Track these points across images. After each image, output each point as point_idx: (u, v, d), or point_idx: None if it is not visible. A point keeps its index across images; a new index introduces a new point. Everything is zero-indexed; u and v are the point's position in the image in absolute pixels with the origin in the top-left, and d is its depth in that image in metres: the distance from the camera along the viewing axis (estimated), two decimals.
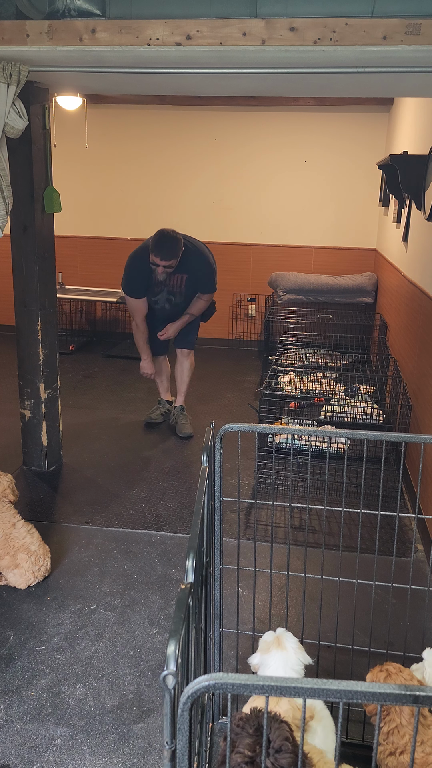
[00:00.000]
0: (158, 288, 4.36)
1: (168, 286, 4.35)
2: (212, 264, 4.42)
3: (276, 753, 1.35)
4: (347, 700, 0.91)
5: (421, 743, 1.67)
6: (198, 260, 4.31)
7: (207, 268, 4.37)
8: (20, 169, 3.55)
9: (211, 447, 1.98)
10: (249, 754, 1.35)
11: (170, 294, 4.39)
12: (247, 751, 1.35)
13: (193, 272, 4.31)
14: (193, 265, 4.28)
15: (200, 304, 4.52)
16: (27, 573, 2.85)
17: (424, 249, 4.03)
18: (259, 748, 1.36)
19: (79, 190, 7.07)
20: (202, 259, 4.35)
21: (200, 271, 4.34)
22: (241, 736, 1.39)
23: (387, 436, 2.00)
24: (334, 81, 2.98)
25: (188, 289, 4.40)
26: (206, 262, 4.37)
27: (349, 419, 4.53)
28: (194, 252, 4.31)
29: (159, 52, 2.51)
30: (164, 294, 4.40)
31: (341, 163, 6.72)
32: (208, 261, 4.38)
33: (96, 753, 2.08)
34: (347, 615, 2.51)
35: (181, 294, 4.42)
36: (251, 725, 1.41)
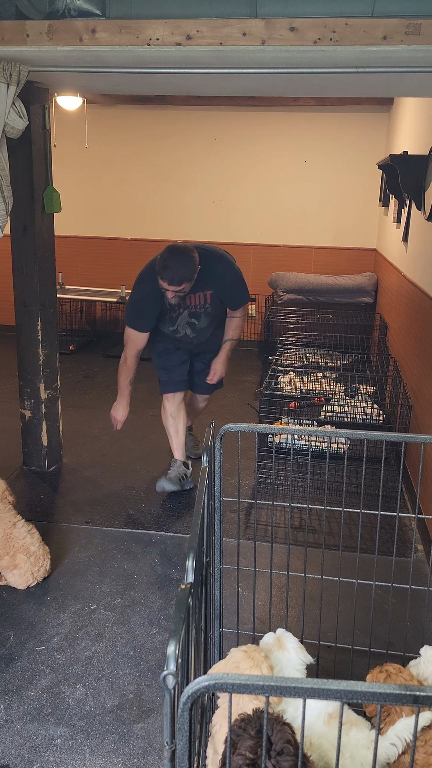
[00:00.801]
0: (174, 312, 3.53)
1: (188, 307, 3.52)
2: (238, 270, 3.62)
3: (278, 756, 1.35)
4: (347, 700, 0.91)
5: (424, 743, 1.67)
6: (222, 269, 3.51)
7: (234, 276, 3.57)
8: (20, 169, 3.55)
9: (211, 447, 1.98)
10: (250, 756, 1.35)
11: (192, 317, 3.56)
12: (248, 753, 1.35)
13: (219, 284, 3.50)
14: (217, 277, 3.48)
15: (237, 323, 3.73)
16: (26, 574, 2.85)
17: (424, 249, 4.03)
18: (260, 750, 1.36)
19: (79, 190, 7.07)
20: (227, 267, 3.54)
21: (227, 281, 3.53)
22: (242, 737, 1.39)
23: (387, 436, 2.00)
24: (334, 81, 2.98)
25: (215, 307, 3.56)
26: (232, 270, 3.56)
27: (349, 419, 4.53)
28: (215, 260, 3.49)
29: (159, 52, 2.51)
30: (185, 318, 3.56)
31: (341, 163, 6.72)
32: (233, 267, 3.58)
33: (96, 753, 2.08)
34: (347, 615, 2.51)
35: (207, 315, 3.56)
36: (253, 727, 1.41)
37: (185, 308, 3.51)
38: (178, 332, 3.61)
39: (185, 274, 3.23)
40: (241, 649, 1.90)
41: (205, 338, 3.70)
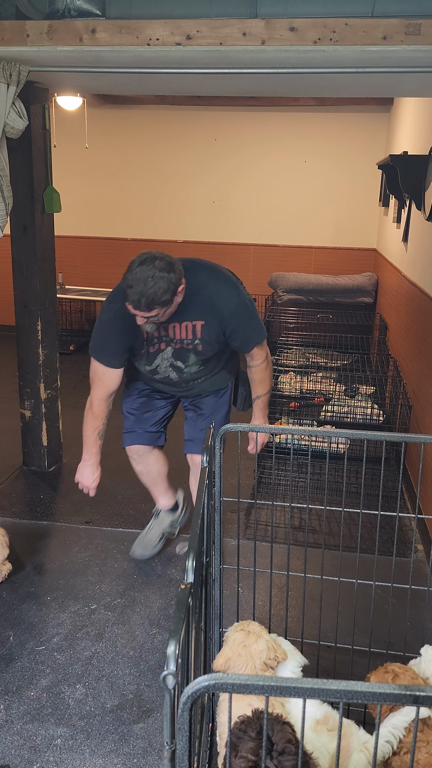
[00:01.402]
0: (152, 347, 2.61)
1: (170, 341, 2.59)
2: (246, 296, 2.60)
3: (279, 756, 1.35)
4: (347, 700, 0.91)
5: (427, 743, 1.67)
6: (221, 293, 2.53)
7: (238, 304, 2.55)
8: (20, 169, 3.55)
9: (211, 447, 1.98)
10: (253, 759, 1.35)
11: (177, 357, 2.63)
12: (250, 755, 1.35)
13: (215, 314, 2.52)
14: (212, 303, 2.51)
15: (260, 374, 2.76)
16: None
17: (424, 249, 4.03)
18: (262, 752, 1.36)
19: (79, 190, 7.07)
20: (228, 291, 2.55)
21: (227, 311, 2.52)
22: (243, 740, 1.39)
23: (387, 436, 2.00)
24: (334, 81, 2.98)
25: (209, 344, 2.60)
26: (235, 296, 2.55)
27: (349, 419, 4.53)
28: (211, 280, 2.54)
29: (159, 52, 2.51)
30: (167, 356, 2.64)
31: (341, 163, 6.72)
32: (238, 293, 2.56)
33: (96, 753, 2.08)
34: (347, 615, 2.51)
35: (197, 354, 2.62)
36: (253, 728, 1.41)
37: (167, 342, 2.59)
38: (158, 373, 2.70)
39: (156, 296, 2.29)
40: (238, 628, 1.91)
41: (198, 384, 2.80)
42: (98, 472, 2.83)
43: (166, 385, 2.82)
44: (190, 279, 2.45)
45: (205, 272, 2.55)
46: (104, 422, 2.76)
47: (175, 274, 2.34)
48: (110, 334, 2.60)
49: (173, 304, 2.40)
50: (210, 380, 2.82)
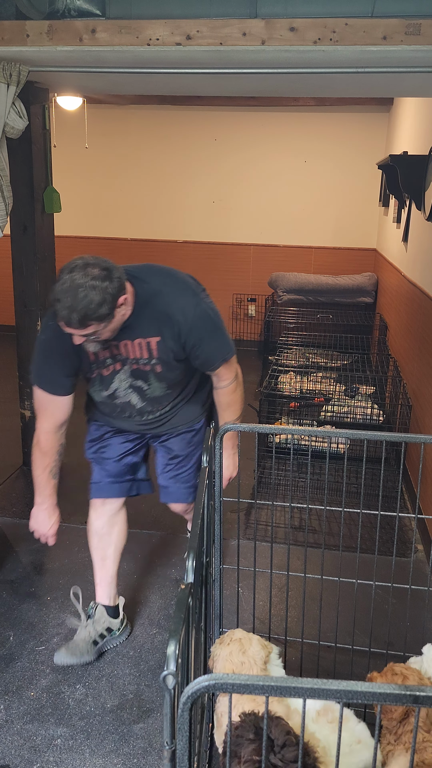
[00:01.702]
0: (105, 369, 2.24)
1: (125, 360, 2.22)
2: (208, 306, 2.22)
3: (281, 749, 1.36)
4: (347, 700, 0.91)
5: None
6: (178, 305, 2.15)
7: (198, 316, 2.17)
8: (20, 169, 3.55)
9: (211, 447, 1.98)
10: (258, 758, 1.35)
11: (136, 377, 2.26)
12: (255, 756, 1.36)
13: (172, 329, 2.15)
14: (168, 317, 2.14)
15: (228, 397, 2.38)
16: None
17: (424, 249, 4.03)
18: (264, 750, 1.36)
19: (79, 190, 7.07)
20: (187, 302, 2.17)
21: (186, 324, 2.15)
22: (242, 745, 1.39)
23: (387, 436, 2.00)
24: (334, 81, 2.98)
25: (168, 364, 2.22)
26: (195, 306, 2.17)
27: (349, 419, 4.53)
28: (165, 289, 2.17)
29: (159, 53, 2.51)
30: (123, 378, 2.26)
31: (341, 163, 6.72)
32: (198, 303, 2.18)
33: (96, 753, 2.08)
34: (347, 615, 2.51)
35: (157, 376, 2.25)
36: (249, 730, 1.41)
37: (122, 362, 2.21)
38: (117, 398, 2.30)
39: (89, 309, 1.92)
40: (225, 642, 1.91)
41: (166, 417, 2.40)
42: (56, 516, 2.40)
43: (129, 418, 2.37)
44: (139, 287, 2.12)
45: (157, 279, 2.18)
46: (56, 458, 2.34)
47: (113, 283, 1.96)
48: (51, 357, 2.22)
49: (115, 319, 2.02)
50: (180, 413, 2.43)
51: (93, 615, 2.54)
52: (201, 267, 7.16)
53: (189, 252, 7.15)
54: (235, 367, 2.34)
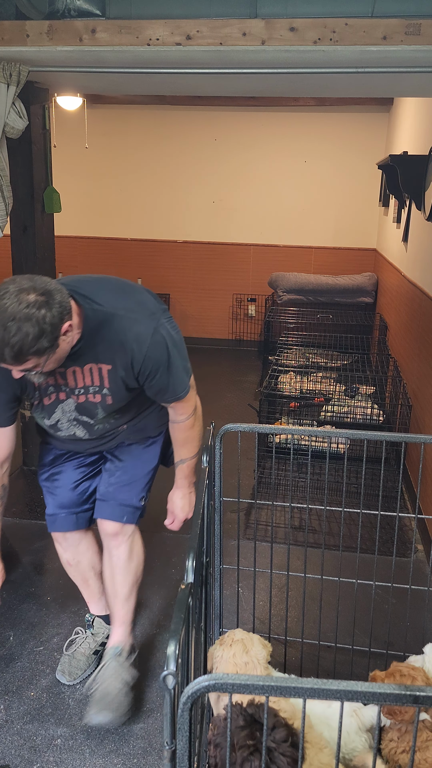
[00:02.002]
0: (47, 398, 2.00)
1: (69, 390, 1.98)
2: (166, 327, 1.93)
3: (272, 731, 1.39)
4: (347, 700, 0.91)
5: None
6: (133, 331, 1.88)
7: (155, 344, 1.89)
8: (20, 169, 3.55)
9: (211, 447, 1.98)
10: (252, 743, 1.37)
11: (81, 411, 2.01)
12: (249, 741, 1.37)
13: (125, 358, 1.90)
14: (120, 343, 1.88)
15: (184, 433, 2.13)
16: None
17: (424, 249, 4.03)
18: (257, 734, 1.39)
19: (79, 190, 7.07)
20: (141, 328, 1.88)
21: (140, 353, 1.89)
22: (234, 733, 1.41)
23: (387, 436, 2.00)
24: (334, 81, 2.98)
25: (118, 396, 1.97)
26: (148, 326, 1.89)
27: (349, 419, 4.53)
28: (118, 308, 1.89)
29: (159, 53, 2.51)
30: (67, 410, 2.02)
31: (341, 163, 6.72)
32: (152, 322, 1.90)
33: (96, 753, 2.08)
34: (347, 615, 2.51)
35: (106, 408, 1.99)
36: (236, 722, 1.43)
37: (67, 393, 1.97)
38: (60, 430, 2.07)
39: (24, 345, 1.64)
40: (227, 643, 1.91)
41: (118, 434, 2.17)
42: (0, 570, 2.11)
43: (75, 442, 2.15)
44: (90, 310, 1.84)
45: (111, 300, 1.89)
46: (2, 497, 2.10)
47: (53, 310, 1.65)
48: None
49: (60, 348, 1.73)
50: (135, 428, 2.16)
51: (92, 627, 2.48)
52: (201, 267, 7.17)
53: (189, 252, 7.15)
54: (194, 401, 2.08)
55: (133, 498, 2.21)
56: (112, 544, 2.24)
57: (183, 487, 2.22)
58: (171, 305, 7.28)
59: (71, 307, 1.76)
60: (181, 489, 2.23)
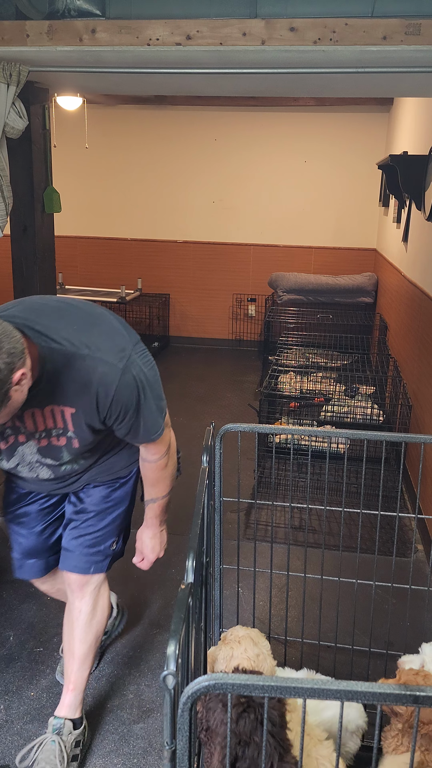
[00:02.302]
0: (4, 442, 1.77)
1: (29, 434, 1.75)
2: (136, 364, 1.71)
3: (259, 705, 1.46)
4: (347, 700, 0.91)
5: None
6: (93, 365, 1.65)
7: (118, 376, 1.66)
8: (20, 169, 3.55)
9: (211, 447, 1.98)
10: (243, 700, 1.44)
11: (44, 454, 1.80)
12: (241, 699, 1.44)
13: (88, 397, 1.67)
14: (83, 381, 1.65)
15: (156, 473, 1.94)
16: None
17: (424, 249, 4.03)
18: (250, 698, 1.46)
19: (79, 190, 7.08)
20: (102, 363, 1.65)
21: (106, 396, 1.67)
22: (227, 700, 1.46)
23: (387, 436, 2.00)
24: (334, 81, 2.98)
25: (84, 439, 1.77)
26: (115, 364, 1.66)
27: (349, 419, 4.53)
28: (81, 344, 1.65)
29: (159, 53, 2.51)
30: (29, 453, 1.80)
31: (341, 163, 6.72)
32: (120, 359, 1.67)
33: (96, 753, 2.08)
34: (347, 615, 2.51)
35: (72, 451, 1.80)
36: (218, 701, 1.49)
37: (26, 435, 1.75)
38: (21, 473, 1.88)
39: None
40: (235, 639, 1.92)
41: (83, 479, 1.98)
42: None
43: (40, 483, 1.96)
44: (47, 349, 1.59)
45: (72, 334, 1.62)
46: None
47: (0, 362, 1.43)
48: None
49: (12, 400, 1.51)
50: (103, 467, 1.97)
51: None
52: (201, 267, 7.17)
53: (189, 252, 7.15)
54: (168, 440, 1.87)
55: (101, 548, 2.03)
56: (76, 596, 2.06)
57: (153, 526, 2.04)
58: (171, 305, 7.29)
59: (24, 351, 1.49)
60: (151, 528, 2.04)
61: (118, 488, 2.03)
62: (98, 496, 2.01)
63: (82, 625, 2.06)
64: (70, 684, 2.09)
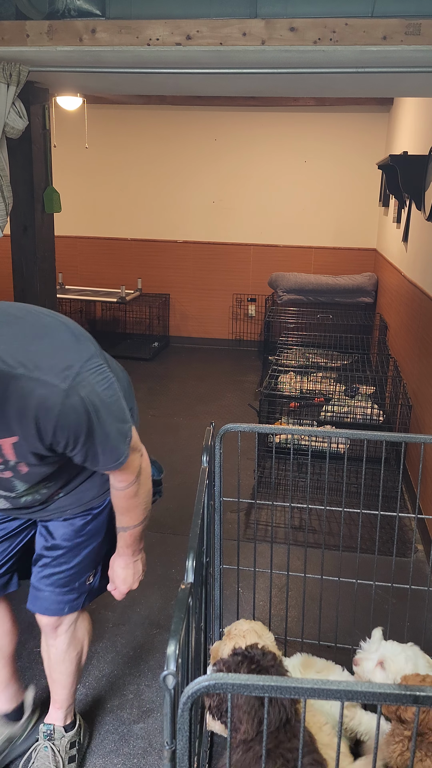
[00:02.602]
0: None
1: None
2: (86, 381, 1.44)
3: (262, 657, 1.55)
4: (347, 700, 0.91)
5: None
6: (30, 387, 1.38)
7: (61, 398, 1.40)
8: (20, 169, 3.55)
9: (211, 447, 1.98)
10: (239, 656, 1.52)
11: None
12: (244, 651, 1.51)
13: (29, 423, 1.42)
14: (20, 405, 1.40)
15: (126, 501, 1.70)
16: None
17: (424, 249, 4.03)
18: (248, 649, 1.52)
19: (79, 190, 7.08)
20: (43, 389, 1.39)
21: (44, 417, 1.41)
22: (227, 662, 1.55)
23: (387, 436, 2.00)
24: (334, 81, 2.98)
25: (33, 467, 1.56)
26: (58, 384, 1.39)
27: (349, 419, 4.53)
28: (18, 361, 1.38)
29: (159, 52, 2.51)
30: None
31: (341, 163, 6.72)
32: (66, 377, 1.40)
33: (96, 753, 2.08)
34: (347, 615, 2.51)
35: (24, 479, 1.60)
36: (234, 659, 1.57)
37: None
38: None
39: None
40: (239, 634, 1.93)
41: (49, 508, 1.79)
42: None
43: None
44: None
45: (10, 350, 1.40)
46: None
47: None
48: None
49: None
50: (72, 497, 1.78)
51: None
52: (201, 267, 7.17)
53: (189, 252, 7.15)
54: (137, 466, 1.64)
55: (75, 585, 1.85)
56: (49, 635, 1.92)
57: (125, 555, 1.81)
58: (171, 305, 7.29)
59: None
60: (123, 558, 1.81)
61: (92, 520, 1.82)
62: (70, 530, 1.80)
63: (58, 660, 1.95)
64: (56, 703, 2.01)
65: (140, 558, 1.83)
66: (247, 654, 1.55)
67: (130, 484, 1.65)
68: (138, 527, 1.75)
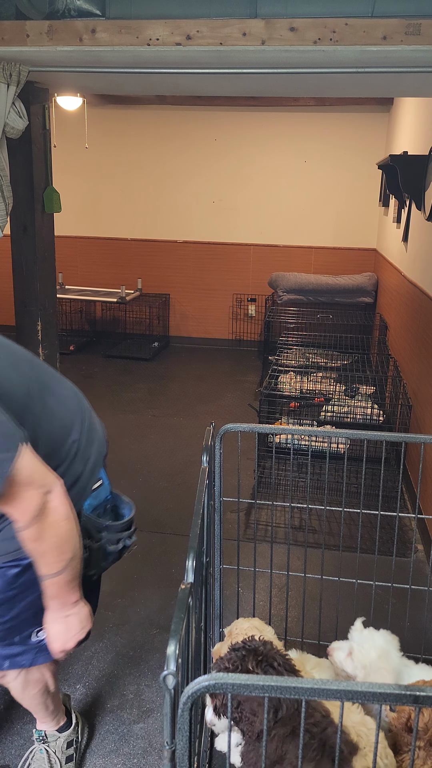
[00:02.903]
0: None
1: None
2: None
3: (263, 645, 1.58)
4: (347, 700, 0.91)
5: None
6: None
7: None
8: (20, 169, 3.55)
9: (211, 447, 1.98)
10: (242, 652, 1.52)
11: None
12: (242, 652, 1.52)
13: None
14: None
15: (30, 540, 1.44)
16: None
17: (424, 249, 4.03)
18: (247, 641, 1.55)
19: (79, 190, 7.08)
20: None
21: None
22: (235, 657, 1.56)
23: (387, 436, 2.00)
24: (334, 81, 2.98)
25: None
26: None
27: (349, 419, 4.53)
28: None
29: (159, 52, 2.51)
30: None
31: (341, 163, 6.72)
32: None
33: (96, 753, 2.08)
34: (347, 615, 2.51)
35: None
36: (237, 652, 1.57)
37: None
38: None
39: None
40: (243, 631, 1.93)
41: None
42: None
43: None
44: None
45: None
46: None
47: None
48: None
49: None
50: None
51: None
52: (201, 267, 7.17)
53: (189, 252, 7.15)
54: (35, 504, 1.40)
55: (15, 639, 1.68)
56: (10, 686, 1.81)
57: (52, 609, 1.57)
58: (171, 305, 7.29)
59: None
60: (51, 612, 1.57)
61: (23, 572, 1.61)
62: (1, 582, 1.62)
63: (20, 699, 1.86)
64: (38, 721, 1.97)
65: (74, 613, 1.57)
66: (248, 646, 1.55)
67: (28, 525, 1.41)
68: (59, 576, 1.50)
